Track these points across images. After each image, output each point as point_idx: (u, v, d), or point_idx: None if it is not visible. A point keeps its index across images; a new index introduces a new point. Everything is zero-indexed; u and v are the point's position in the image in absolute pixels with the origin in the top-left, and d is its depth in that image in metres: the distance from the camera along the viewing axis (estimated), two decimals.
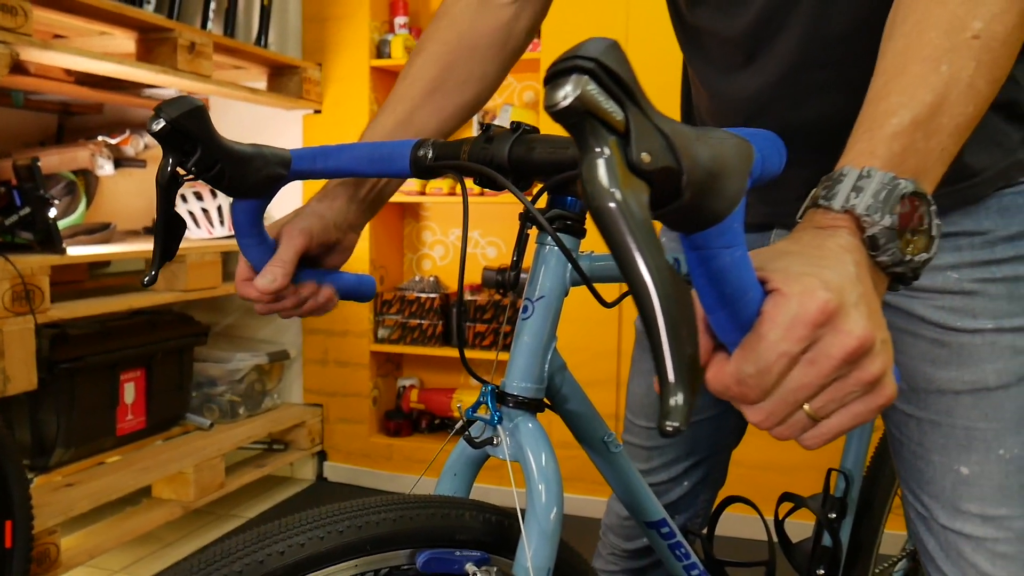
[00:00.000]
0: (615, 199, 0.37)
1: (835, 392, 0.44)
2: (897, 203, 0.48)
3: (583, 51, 0.37)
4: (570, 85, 0.37)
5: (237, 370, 2.73)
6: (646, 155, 0.38)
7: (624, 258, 0.37)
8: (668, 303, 0.37)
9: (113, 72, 2.09)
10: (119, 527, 2.18)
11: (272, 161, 0.77)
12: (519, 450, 0.69)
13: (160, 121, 0.70)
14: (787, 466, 2.37)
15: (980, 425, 0.80)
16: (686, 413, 0.36)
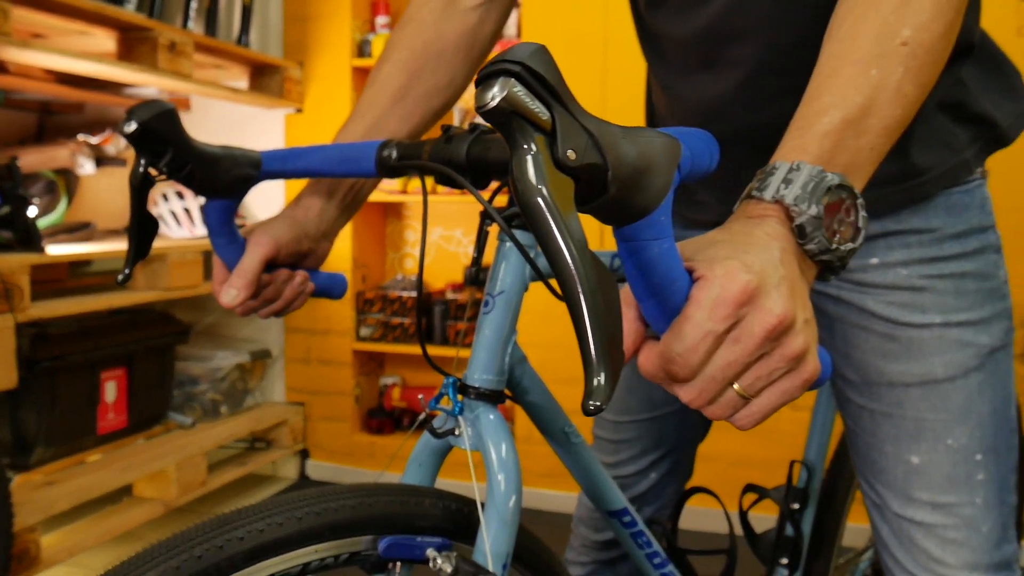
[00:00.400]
0: (541, 194, 0.39)
1: (761, 369, 0.46)
2: (824, 194, 0.50)
3: (510, 55, 0.40)
4: (497, 87, 0.39)
5: (219, 369, 2.73)
6: (572, 152, 0.40)
7: (550, 249, 0.39)
8: (591, 290, 0.39)
9: (93, 72, 2.10)
10: (100, 525, 2.18)
11: (242, 162, 0.79)
12: (479, 440, 0.71)
13: (132, 123, 0.71)
14: (755, 460, 2.40)
15: (929, 416, 0.82)
16: (607, 392, 0.39)
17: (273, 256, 0.83)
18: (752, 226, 0.50)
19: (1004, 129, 0.84)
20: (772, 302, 0.45)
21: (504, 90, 0.39)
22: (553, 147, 0.40)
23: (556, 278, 0.39)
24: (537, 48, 0.41)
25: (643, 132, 0.44)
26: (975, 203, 0.84)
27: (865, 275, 0.84)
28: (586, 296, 0.39)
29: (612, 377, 0.39)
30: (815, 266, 0.52)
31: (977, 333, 0.82)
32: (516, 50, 0.40)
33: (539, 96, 0.40)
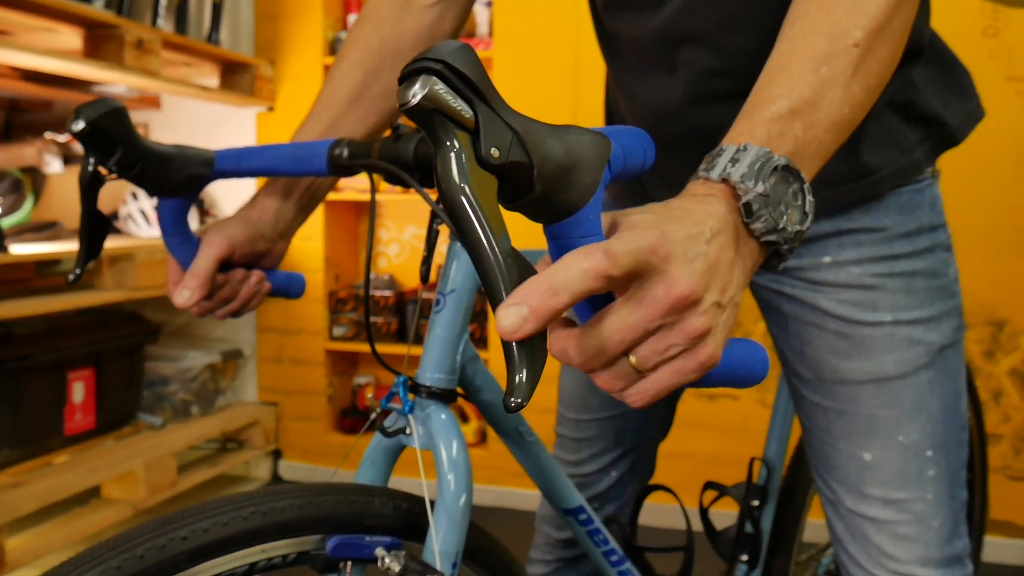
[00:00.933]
0: (464, 192, 0.39)
1: (658, 343, 0.45)
2: (770, 173, 0.49)
3: (431, 53, 0.40)
4: (418, 84, 0.39)
5: (189, 369, 2.71)
6: (495, 150, 0.41)
7: (472, 247, 0.39)
8: (513, 286, 0.39)
9: (58, 69, 2.07)
10: (67, 527, 2.16)
11: (194, 161, 0.79)
12: (430, 439, 0.71)
13: (80, 122, 0.71)
14: (726, 458, 2.42)
15: (881, 413, 0.83)
16: (528, 390, 0.39)
17: (227, 256, 0.82)
18: (693, 203, 0.49)
19: (953, 129, 0.85)
20: (680, 271, 0.44)
21: (425, 88, 0.39)
22: (476, 145, 0.40)
23: (479, 276, 0.39)
24: (460, 46, 0.41)
25: (571, 130, 0.44)
26: (925, 202, 0.85)
27: (818, 273, 0.85)
28: (508, 293, 0.39)
29: (533, 374, 0.39)
30: (761, 249, 0.51)
31: (927, 331, 0.83)
32: (438, 48, 0.41)
33: (461, 94, 0.40)
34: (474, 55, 0.41)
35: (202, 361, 2.75)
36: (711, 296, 0.45)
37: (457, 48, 0.41)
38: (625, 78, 0.91)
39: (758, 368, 0.51)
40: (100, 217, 0.78)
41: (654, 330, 0.44)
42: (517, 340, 0.39)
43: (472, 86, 0.40)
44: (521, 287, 0.39)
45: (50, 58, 1.97)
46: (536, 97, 2.51)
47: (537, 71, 2.54)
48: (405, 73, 0.41)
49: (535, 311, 0.39)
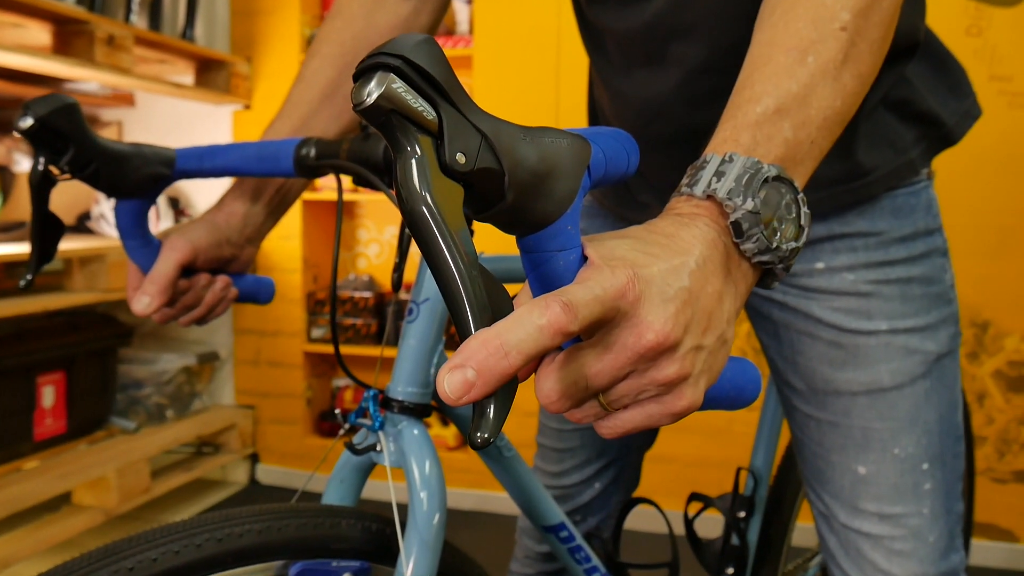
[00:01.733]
0: (426, 202, 0.35)
1: (628, 387, 0.41)
2: (760, 187, 0.45)
3: (389, 47, 0.36)
4: (374, 82, 0.35)
5: (164, 372, 2.65)
6: (461, 156, 0.37)
7: (435, 264, 0.35)
8: (480, 309, 0.35)
9: (25, 65, 2.01)
10: (35, 535, 2.10)
11: (153, 160, 0.74)
12: (402, 456, 0.67)
13: (28, 119, 0.66)
14: (710, 462, 2.39)
15: (876, 425, 0.80)
16: (497, 425, 0.35)
17: (190, 261, 0.78)
18: (679, 226, 0.45)
19: (950, 128, 0.82)
20: (653, 315, 0.40)
21: (382, 86, 0.35)
22: (440, 150, 0.36)
23: (442, 295, 0.35)
24: (421, 39, 0.37)
25: (547, 132, 0.40)
26: (921, 205, 0.81)
27: (811, 280, 0.81)
28: (474, 317, 0.35)
29: (503, 406, 0.35)
30: (754, 270, 0.47)
31: (923, 339, 0.80)
32: (397, 42, 0.36)
33: (423, 93, 0.36)
34: (437, 49, 0.37)
35: (177, 364, 2.69)
36: (689, 340, 0.41)
37: (419, 42, 0.37)
38: (610, 75, 0.87)
39: (749, 390, 0.48)
40: (53, 219, 0.73)
41: (624, 376, 0.41)
42: (458, 405, 0.34)
43: (435, 84, 0.36)
44: (467, 345, 0.35)
45: (17, 54, 1.90)
46: (517, 96, 2.47)
47: (518, 69, 2.49)
48: (360, 70, 0.36)
49: (482, 375, 0.34)
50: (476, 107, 0.37)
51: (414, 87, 0.36)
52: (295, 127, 0.84)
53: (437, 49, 0.37)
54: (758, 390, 0.48)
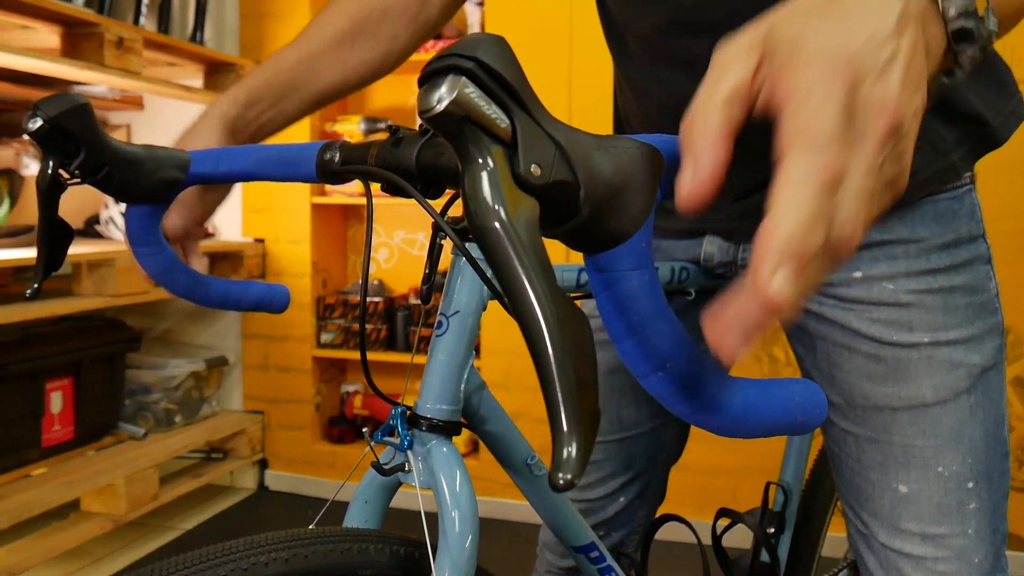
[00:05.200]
0: (499, 218, 0.33)
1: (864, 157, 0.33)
2: None
3: (460, 48, 0.33)
4: (445, 87, 0.32)
5: (172, 377, 2.63)
6: (536, 168, 0.34)
7: (510, 288, 0.32)
8: (560, 338, 0.32)
9: (34, 68, 1.99)
10: (43, 543, 2.08)
11: (167, 163, 0.71)
12: (431, 477, 0.64)
13: (37, 120, 0.63)
14: (724, 469, 2.36)
15: (918, 442, 0.77)
16: (580, 465, 0.32)
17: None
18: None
19: (995, 128, 0.79)
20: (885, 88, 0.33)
21: (454, 91, 0.32)
22: (514, 161, 0.34)
23: (517, 322, 0.32)
24: (494, 39, 0.34)
25: (619, 141, 0.37)
26: (964, 210, 0.78)
27: (848, 290, 0.78)
28: (555, 346, 0.32)
29: (586, 445, 0.32)
30: (946, 44, 0.39)
31: (968, 352, 0.76)
32: (468, 41, 0.34)
33: (496, 99, 0.33)
34: (510, 51, 0.34)
35: (185, 369, 2.66)
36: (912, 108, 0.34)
37: (492, 42, 0.34)
38: (635, 75, 0.84)
39: (816, 414, 0.44)
40: (61, 225, 0.70)
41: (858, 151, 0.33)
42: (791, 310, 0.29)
43: (509, 89, 0.33)
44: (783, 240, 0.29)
45: (26, 57, 1.89)
46: None
47: (529, 72, 2.42)
48: (427, 72, 0.33)
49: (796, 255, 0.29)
50: (548, 114, 0.35)
51: (488, 92, 0.33)
52: (302, 57, 0.85)
53: (509, 50, 0.35)
54: (824, 413, 0.45)
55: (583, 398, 0.33)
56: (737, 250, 0.86)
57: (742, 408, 0.41)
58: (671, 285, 0.85)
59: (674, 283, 0.85)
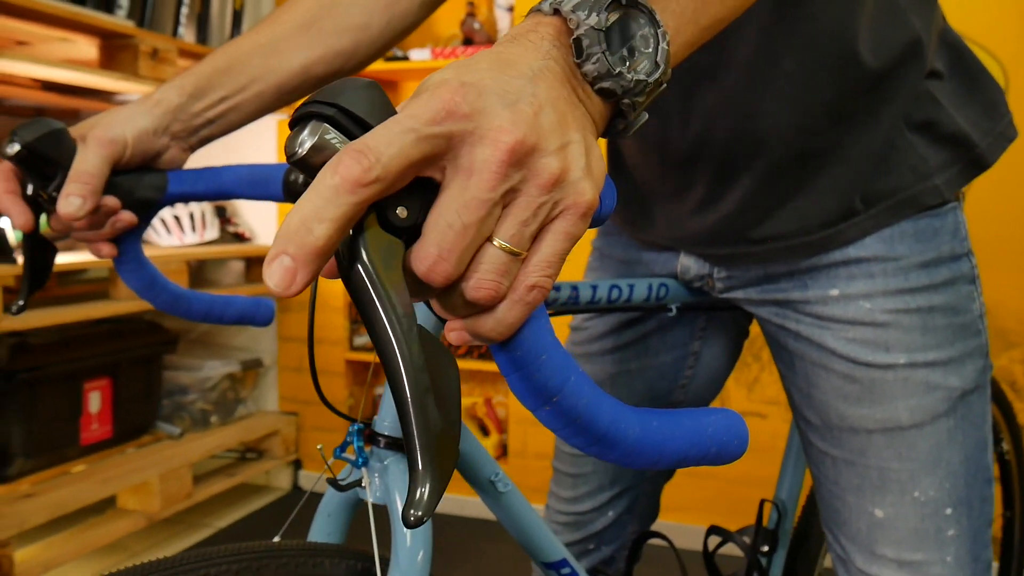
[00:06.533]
0: (361, 260, 0.34)
1: (521, 209, 0.35)
2: (611, 5, 0.38)
3: (324, 95, 0.34)
4: (307, 132, 0.34)
5: (208, 378, 2.69)
6: (403, 209, 0.35)
7: (371, 326, 0.34)
8: (417, 379, 0.33)
9: (71, 79, 2.06)
10: (79, 538, 2.14)
11: (144, 184, 0.74)
12: (386, 493, 0.65)
13: (15, 145, 0.66)
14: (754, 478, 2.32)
15: (894, 465, 0.75)
16: (431, 504, 0.33)
17: (119, 158, 0.70)
18: (508, 44, 0.39)
19: (982, 150, 0.77)
20: (502, 118, 0.34)
21: (315, 136, 0.34)
22: (380, 203, 0.34)
23: (380, 361, 0.33)
24: (362, 84, 0.35)
25: None
26: (946, 228, 0.77)
27: (825, 308, 0.77)
28: (411, 387, 0.33)
29: (439, 484, 0.33)
30: (600, 102, 0.40)
31: (947, 374, 0.75)
32: (333, 87, 0.35)
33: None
34: (379, 95, 0.35)
35: (221, 370, 2.72)
36: (553, 138, 0.36)
37: (358, 87, 0.35)
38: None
39: (733, 445, 0.44)
40: (44, 243, 0.73)
41: (501, 199, 0.35)
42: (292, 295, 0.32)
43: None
44: (278, 235, 0.32)
45: (65, 69, 1.95)
46: None
47: None
48: (293, 118, 0.35)
49: (297, 257, 0.31)
50: None
51: (351, 137, 0.34)
52: (262, 43, 0.77)
53: (379, 95, 0.35)
54: (744, 445, 0.45)
55: (441, 439, 0.34)
56: (712, 267, 0.86)
57: (639, 440, 0.41)
58: (649, 302, 0.85)
59: (652, 300, 0.85)
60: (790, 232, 0.77)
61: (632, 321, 0.96)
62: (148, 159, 0.74)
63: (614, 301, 0.82)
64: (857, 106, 0.73)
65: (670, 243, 0.87)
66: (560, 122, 0.36)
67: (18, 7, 1.82)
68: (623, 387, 0.97)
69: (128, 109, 0.72)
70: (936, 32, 0.76)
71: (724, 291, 0.85)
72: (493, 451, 2.74)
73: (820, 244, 0.76)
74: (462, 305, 0.36)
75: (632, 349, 0.96)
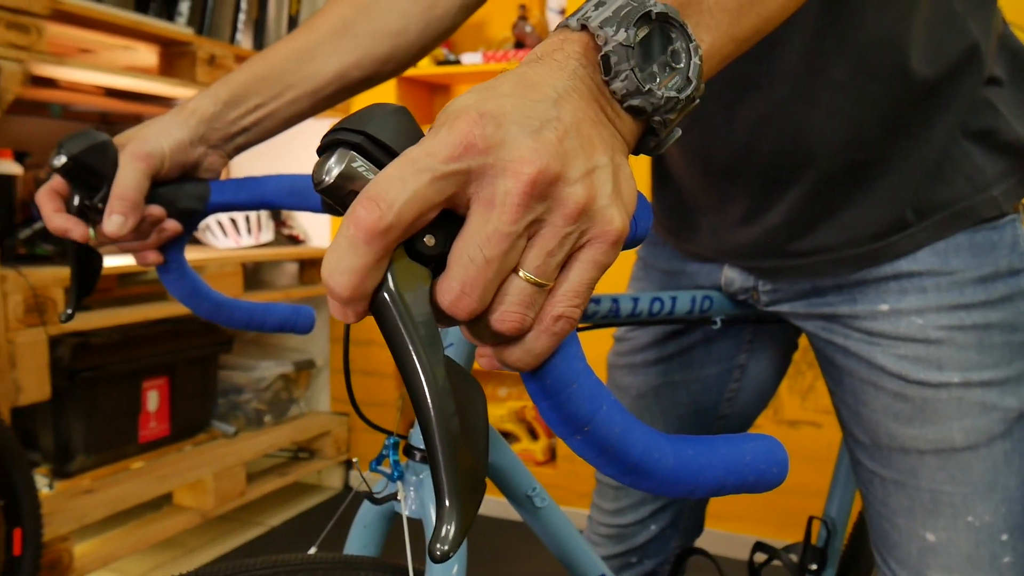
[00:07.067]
0: (387, 288, 0.33)
1: (545, 241, 0.34)
2: (639, 20, 0.37)
3: (351, 122, 0.34)
4: (334, 160, 0.34)
5: (262, 378, 2.74)
6: (429, 238, 0.34)
7: (398, 355, 0.34)
8: (445, 413, 0.33)
9: (131, 86, 2.12)
10: (136, 534, 2.20)
11: (188, 194, 0.75)
12: (421, 507, 0.65)
13: (61, 157, 0.68)
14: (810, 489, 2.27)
15: (947, 488, 0.73)
16: (457, 540, 0.32)
17: (156, 171, 0.71)
18: (532, 64, 0.38)
19: None
20: (522, 148, 0.33)
21: (341, 164, 0.33)
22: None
23: (406, 388, 0.33)
24: (391, 110, 0.35)
25: None
26: (1005, 242, 0.73)
27: (875, 323, 0.75)
28: (438, 419, 0.33)
29: (465, 520, 0.33)
30: (631, 120, 0.39)
31: (1003, 394, 0.72)
32: (361, 114, 0.34)
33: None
34: (407, 121, 0.35)
35: (275, 371, 2.77)
36: (579, 164, 0.34)
37: (386, 114, 0.35)
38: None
39: (772, 473, 0.43)
40: (90, 253, 0.75)
41: (526, 230, 0.34)
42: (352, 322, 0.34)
43: None
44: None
45: (127, 76, 2.00)
46: None
47: None
48: (321, 146, 0.35)
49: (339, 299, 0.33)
50: None
51: (378, 165, 0.34)
52: (297, 48, 0.76)
53: (406, 121, 0.35)
54: (783, 473, 0.43)
55: (468, 472, 0.34)
56: (757, 279, 0.84)
57: (674, 469, 0.40)
58: (692, 315, 0.83)
59: (695, 313, 0.83)
60: (838, 245, 0.74)
61: (676, 332, 0.94)
62: (187, 169, 0.74)
63: (656, 314, 0.81)
64: (910, 116, 0.70)
65: (714, 255, 0.85)
66: (586, 147, 0.35)
67: (83, 17, 1.87)
68: (667, 399, 0.96)
69: (164, 121, 0.72)
70: (996, 37, 0.73)
71: (769, 304, 0.83)
72: (542, 455, 2.74)
73: (870, 257, 0.74)
74: (489, 335, 0.35)
75: (676, 361, 0.95)
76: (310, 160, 1.04)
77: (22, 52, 1.70)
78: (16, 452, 1.69)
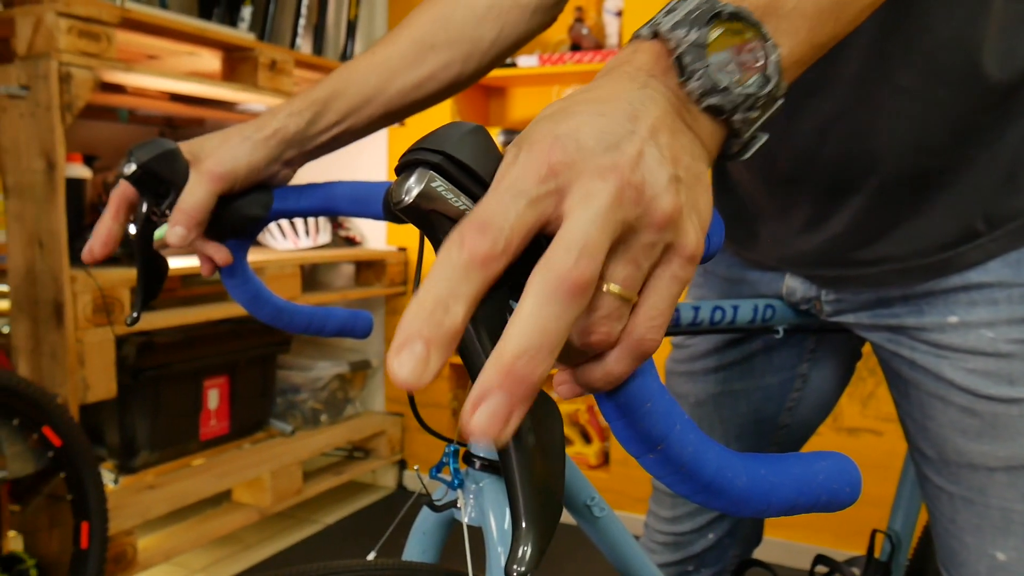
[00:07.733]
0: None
1: (631, 252, 0.33)
2: (711, 20, 0.37)
3: (430, 142, 0.34)
4: (414, 179, 0.34)
5: (319, 378, 2.78)
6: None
7: (473, 373, 0.33)
8: (521, 429, 0.33)
9: (195, 91, 2.17)
10: (197, 529, 2.25)
11: (252, 201, 0.76)
12: (481, 515, 0.65)
13: (131, 165, 0.70)
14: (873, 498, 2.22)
15: (1018, 507, 0.71)
16: (534, 561, 0.32)
17: (227, 191, 0.72)
18: (608, 76, 0.37)
19: None
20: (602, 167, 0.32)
21: (421, 184, 0.34)
22: None
23: None
24: (469, 129, 0.35)
25: None
26: None
27: (943, 336, 0.73)
28: (518, 444, 0.33)
29: (542, 541, 0.33)
30: (712, 121, 0.38)
31: None
32: (439, 134, 0.35)
33: (466, 190, 0.34)
34: (485, 139, 0.35)
35: (331, 371, 2.81)
36: (661, 174, 0.34)
37: (464, 134, 0.35)
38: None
39: (845, 494, 0.41)
40: (156, 259, 0.77)
41: (618, 242, 0.33)
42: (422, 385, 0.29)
43: (480, 180, 0.34)
44: (403, 319, 0.30)
45: (191, 82, 2.05)
46: None
47: None
48: (400, 165, 0.35)
49: (432, 340, 0.29)
50: None
51: (457, 184, 0.34)
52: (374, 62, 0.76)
53: (484, 140, 0.35)
54: (856, 492, 0.42)
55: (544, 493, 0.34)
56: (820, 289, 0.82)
57: (747, 489, 0.40)
58: (754, 324, 0.82)
59: (757, 321, 0.82)
60: (905, 254, 0.73)
61: (737, 340, 0.93)
62: (257, 184, 0.75)
63: (717, 323, 0.80)
64: (981, 121, 0.68)
65: (775, 263, 0.84)
66: (665, 157, 0.34)
67: (150, 24, 1.93)
68: (727, 408, 0.95)
69: (242, 139, 0.72)
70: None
71: (833, 315, 0.82)
72: (595, 459, 2.73)
73: (938, 267, 0.72)
74: (573, 352, 0.35)
75: (736, 369, 0.94)
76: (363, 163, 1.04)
77: (93, 60, 1.76)
78: (85, 449, 1.75)
